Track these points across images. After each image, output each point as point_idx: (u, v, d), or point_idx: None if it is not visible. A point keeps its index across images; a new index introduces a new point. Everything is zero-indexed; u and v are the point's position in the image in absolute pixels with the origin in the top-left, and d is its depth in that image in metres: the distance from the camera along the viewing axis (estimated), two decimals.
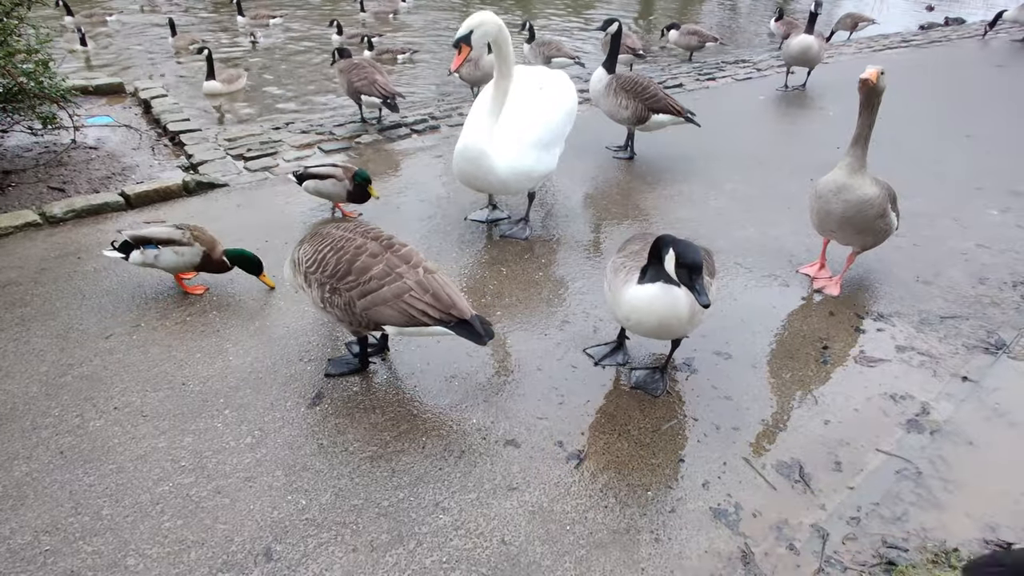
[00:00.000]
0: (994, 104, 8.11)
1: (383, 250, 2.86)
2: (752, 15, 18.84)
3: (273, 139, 6.34)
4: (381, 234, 2.98)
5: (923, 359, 3.52)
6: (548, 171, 4.48)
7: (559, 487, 2.67)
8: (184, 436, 2.83)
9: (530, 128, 4.21)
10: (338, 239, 2.92)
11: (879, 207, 3.67)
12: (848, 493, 2.71)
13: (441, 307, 2.72)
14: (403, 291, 2.73)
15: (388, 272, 2.78)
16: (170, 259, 3.64)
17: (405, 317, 2.73)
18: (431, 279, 2.78)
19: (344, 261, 2.83)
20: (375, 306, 2.76)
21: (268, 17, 14.27)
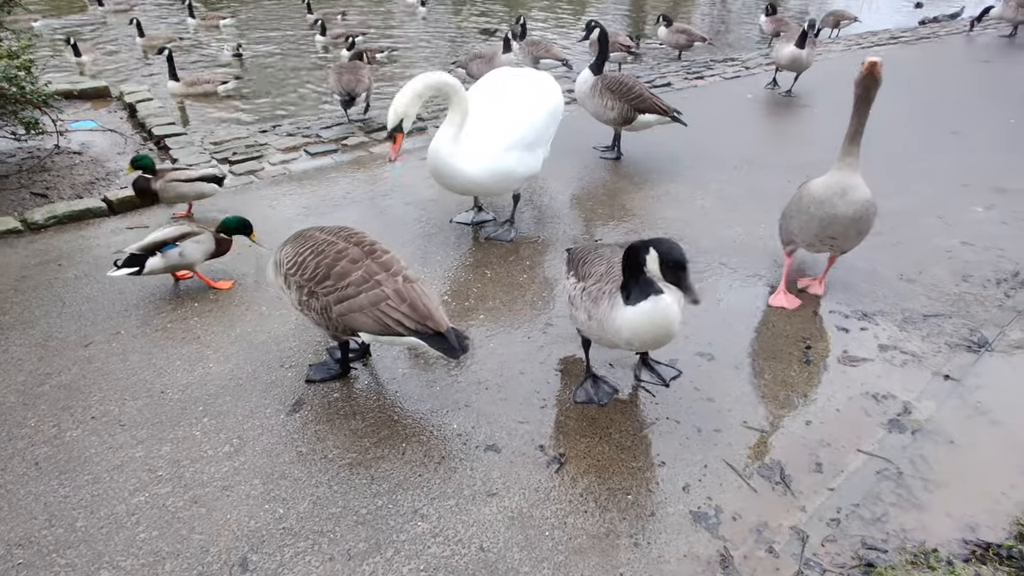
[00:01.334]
0: (981, 100, 8.13)
1: (364, 256, 2.83)
2: (744, 13, 18.85)
3: (259, 142, 6.31)
4: (364, 239, 2.95)
5: (906, 358, 3.52)
6: (531, 172, 4.46)
7: (539, 492, 2.66)
8: (162, 445, 2.81)
9: (510, 129, 4.19)
10: (320, 242, 2.90)
11: (875, 207, 3.62)
12: (828, 495, 2.71)
13: (417, 317, 2.68)
14: (380, 299, 2.71)
15: (366, 279, 2.75)
16: (194, 250, 3.76)
17: (380, 325, 2.71)
18: (410, 288, 2.75)
19: (323, 265, 2.81)
20: (351, 312, 2.74)
21: (219, 19, 14.17)
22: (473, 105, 4.15)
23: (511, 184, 4.39)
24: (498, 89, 4.38)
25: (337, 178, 5.50)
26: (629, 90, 5.53)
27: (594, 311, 2.78)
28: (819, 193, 3.61)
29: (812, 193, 3.65)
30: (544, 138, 4.57)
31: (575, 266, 3.02)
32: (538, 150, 4.52)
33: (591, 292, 2.81)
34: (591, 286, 2.83)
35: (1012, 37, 11.66)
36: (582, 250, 3.10)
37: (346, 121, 6.90)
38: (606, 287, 2.77)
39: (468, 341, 2.76)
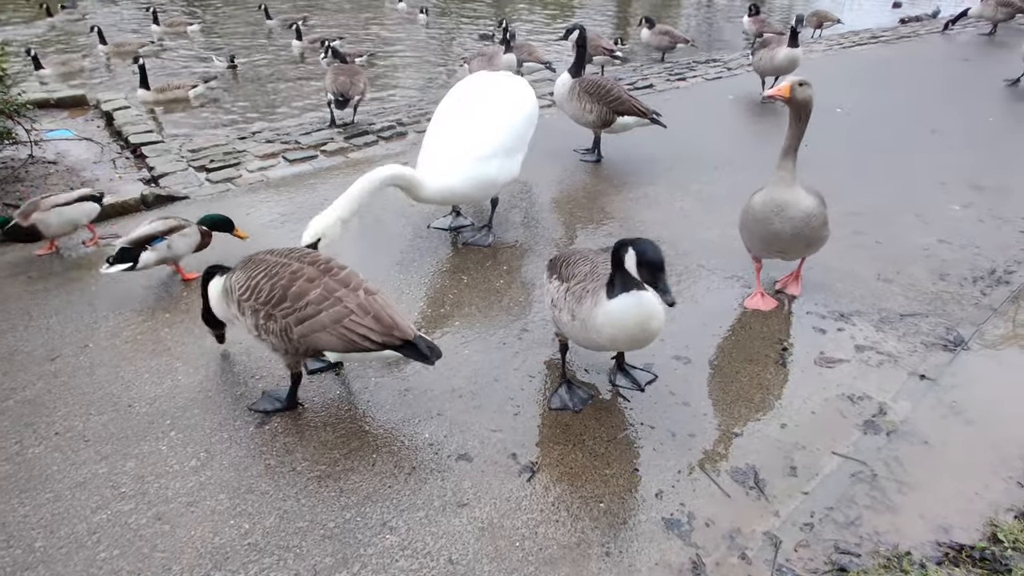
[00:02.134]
0: (960, 98, 8.17)
1: (320, 274, 2.74)
2: (728, 14, 18.93)
3: (237, 149, 6.26)
4: (318, 258, 2.87)
5: (882, 358, 3.51)
6: (511, 177, 4.44)
7: (510, 502, 2.62)
8: (126, 461, 2.75)
9: (489, 136, 4.17)
10: (272, 264, 2.80)
11: (821, 215, 3.54)
12: (802, 498, 2.69)
13: (382, 329, 2.62)
14: (342, 315, 2.63)
15: (326, 296, 2.67)
16: (182, 243, 3.87)
17: (345, 342, 2.64)
18: (372, 301, 2.69)
19: (279, 287, 2.71)
20: (313, 332, 2.67)
21: (185, 25, 14.03)
22: (450, 114, 4.16)
23: (492, 191, 4.39)
24: (473, 96, 4.35)
25: (315, 184, 5.45)
26: (607, 92, 5.52)
27: (577, 310, 2.73)
28: (757, 210, 3.59)
29: (752, 209, 3.64)
30: (523, 143, 4.56)
31: (558, 269, 2.97)
32: (517, 155, 4.50)
33: (575, 291, 2.78)
34: (575, 286, 2.80)
35: (991, 35, 11.76)
36: (565, 254, 3.06)
37: (327, 125, 6.86)
38: (590, 285, 2.74)
39: (437, 346, 2.70)
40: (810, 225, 3.52)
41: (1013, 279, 4.27)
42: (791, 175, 3.50)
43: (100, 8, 16.38)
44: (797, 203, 3.48)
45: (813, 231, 3.56)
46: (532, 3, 19.39)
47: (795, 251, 3.74)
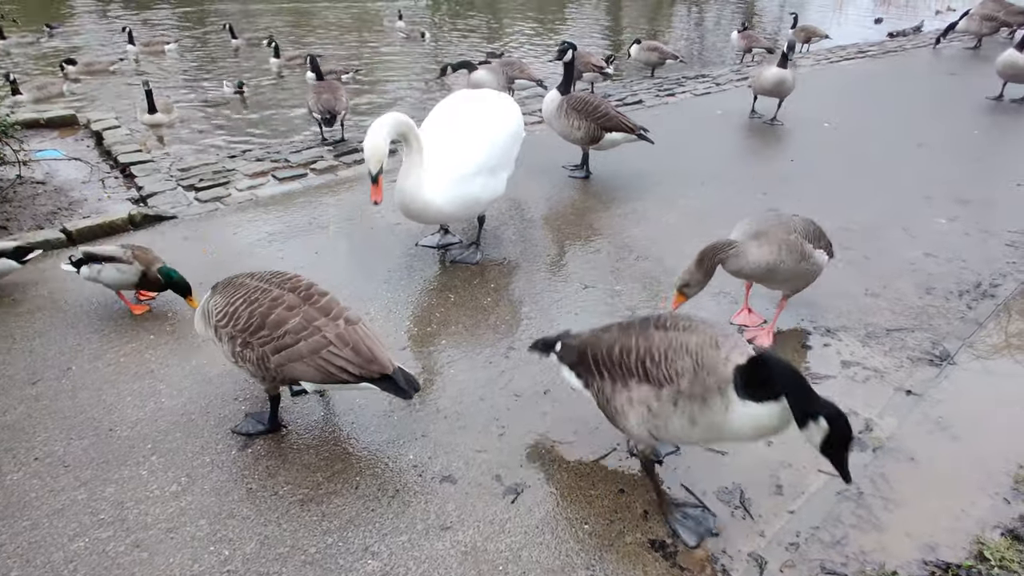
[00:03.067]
0: (945, 112, 8.25)
1: (301, 302, 2.71)
2: (716, 30, 19.14)
3: (227, 168, 6.26)
4: (300, 284, 2.82)
5: (868, 374, 3.51)
6: (496, 195, 4.45)
7: (494, 524, 2.60)
8: (106, 486, 2.72)
9: (473, 155, 4.17)
10: (252, 290, 2.77)
11: (791, 257, 3.36)
12: (788, 518, 2.67)
13: (361, 362, 2.57)
14: (320, 346, 2.59)
15: (305, 326, 2.63)
16: (111, 275, 3.77)
17: (322, 373, 2.60)
18: (352, 331, 2.64)
19: (257, 314, 2.67)
20: (290, 362, 2.62)
21: (163, 44, 14.00)
22: (432, 133, 4.16)
23: (477, 209, 4.39)
24: (458, 114, 4.36)
25: (304, 203, 5.45)
26: (595, 109, 5.55)
27: (702, 415, 2.25)
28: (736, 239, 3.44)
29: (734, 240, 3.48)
30: (507, 161, 4.56)
31: (611, 366, 2.43)
32: (502, 173, 4.51)
33: (693, 393, 2.25)
34: (686, 387, 2.26)
35: (977, 49, 11.89)
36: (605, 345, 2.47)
37: (318, 143, 6.87)
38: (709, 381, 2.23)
39: (416, 379, 2.67)
40: (776, 271, 3.40)
41: (998, 292, 4.29)
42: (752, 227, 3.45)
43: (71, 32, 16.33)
44: (746, 264, 3.36)
45: (784, 274, 3.43)
46: (525, 20, 19.58)
47: (770, 284, 3.66)
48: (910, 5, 22.42)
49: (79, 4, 20.33)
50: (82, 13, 18.53)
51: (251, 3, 22.01)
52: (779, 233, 3.38)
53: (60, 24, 15.94)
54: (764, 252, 3.34)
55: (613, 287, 4.26)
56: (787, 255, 3.36)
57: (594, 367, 2.52)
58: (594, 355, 2.52)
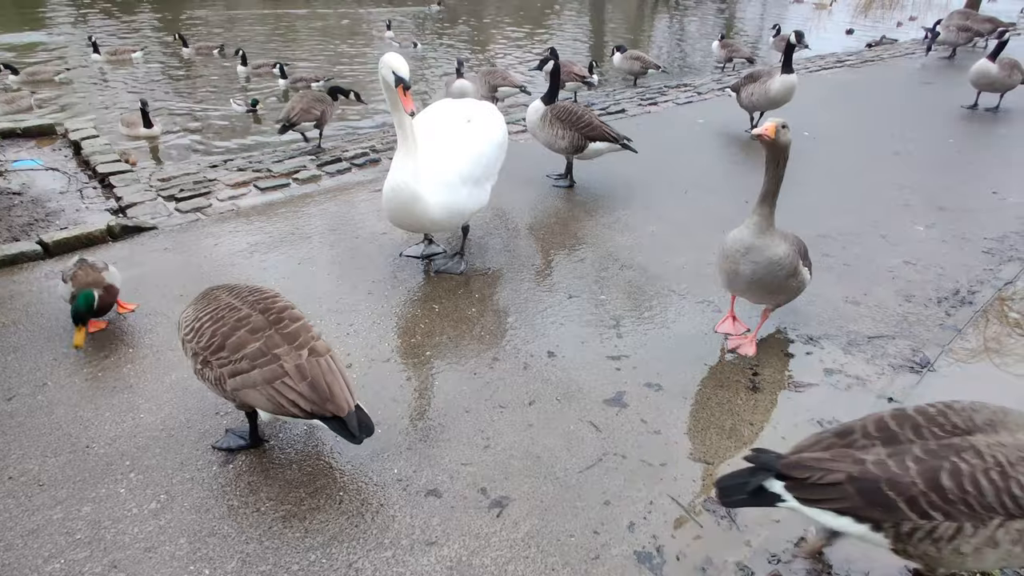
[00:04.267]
0: (921, 121, 8.39)
1: (267, 326, 2.61)
2: (699, 40, 19.35)
3: (208, 178, 6.19)
4: (273, 305, 2.72)
5: (850, 381, 3.54)
6: (480, 206, 4.44)
7: (479, 538, 2.58)
8: (83, 505, 2.66)
9: (461, 164, 4.16)
10: (222, 307, 2.70)
11: (789, 267, 3.39)
12: (774, 527, 2.68)
13: (316, 399, 2.46)
14: (276, 376, 2.49)
15: (264, 352, 2.53)
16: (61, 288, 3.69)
17: (274, 404, 2.49)
18: (314, 364, 2.53)
19: (220, 334, 2.59)
20: (245, 388, 2.53)
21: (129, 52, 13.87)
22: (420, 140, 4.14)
23: (462, 219, 4.37)
24: (443, 124, 4.36)
25: (286, 213, 5.41)
26: (578, 119, 5.57)
27: None
28: (727, 246, 3.47)
29: (722, 246, 3.51)
30: (492, 171, 4.56)
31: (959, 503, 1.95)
32: (486, 184, 4.51)
33: None
34: None
35: (951, 59, 12.13)
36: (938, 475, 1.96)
37: (300, 153, 6.84)
38: None
39: (372, 422, 2.57)
40: (773, 273, 3.38)
41: (976, 299, 4.35)
42: (767, 220, 3.35)
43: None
44: (765, 248, 3.34)
45: (776, 280, 3.42)
46: (510, 28, 19.68)
47: (754, 295, 3.60)
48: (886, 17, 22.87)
49: (55, 10, 20.10)
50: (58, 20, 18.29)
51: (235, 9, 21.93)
52: (789, 239, 3.48)
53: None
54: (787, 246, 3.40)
55: (598, 296, 4.26)
56: (793, 254, 3.43)
57: (908, 508, 1.98)
58: (906, 493, 1.97)
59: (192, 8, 22.45)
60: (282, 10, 22.62)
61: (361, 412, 2.56)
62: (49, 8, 20.63)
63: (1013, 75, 8.39)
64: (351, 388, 2.59)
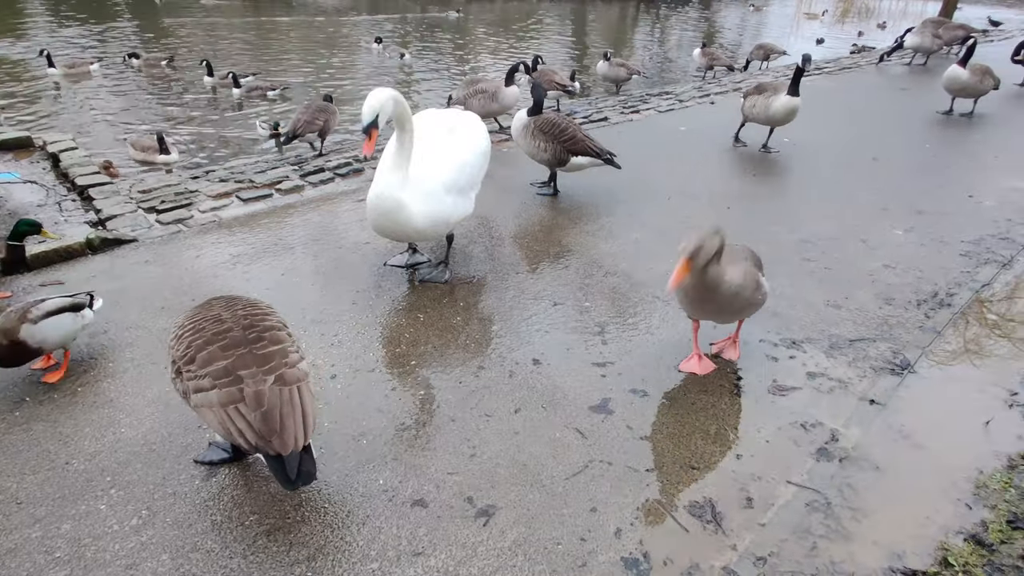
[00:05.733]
0: (898, 127, 8.55)
1: (243, 344, 2.49)
2: (680, 48, 19.56)
3: (190, 189, 6.14)
4: (260, 322, 2.61)
5: (833, 384, 3.58)
6: (465, 214, 4.45)
7: (466, 548, 2.57)
8: (62, 523, 2.62)
9: (445, 174, 4.17)
10: (208, 318, 2.63)
11: (751, 286, 3.32)
12: (759, 531, 2.69)
13: (264, 431, 2.31)
14: (232, 400, 2.36)
15: (228, 372, 2.40)
16: None
17: (224, 430, 2.37)
18: (275, 394, 2.38)
19: (195, 346, 2.50)
20: (201, 406, 2.42)
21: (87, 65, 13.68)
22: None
23: (446, 229, 4.37)
24: (426, 134, 4.36)
25: (269, 224, 5.38)
26: (561, 132, 5.60)
27: None
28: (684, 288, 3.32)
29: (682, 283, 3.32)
30: (476, 180, 4.58)
31: None
32: (471, 192, 4.52)
33: None
34: None
35: (925, 65, 12.36)
36: None
37: (283, 163, 6.81)
38: None
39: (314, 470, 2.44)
40: (739, 297, 3.31)
41: (954, 301, 4.42)
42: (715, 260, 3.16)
43: None
44: (720, 284, 3.21)
45: (742, 302, 3.36)
46: (494, 35, 19.78)
47: (725, 317, 3.56)
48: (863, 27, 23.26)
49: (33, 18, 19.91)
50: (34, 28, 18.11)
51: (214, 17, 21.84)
52: (739, 257, 3.37)
53: None
54: (739, 271, 3.27)
55: (582, 303, 4.28)
56: (751, 273, 3.34)
57: None
58: None
59: (173, 16, 22.34)
60: (265, 17, 22.57)
61: (307, 455, 2.40)
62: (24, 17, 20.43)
63: (984, 81, 8.57)
64: (309, 426, 2.42)
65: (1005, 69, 9.80)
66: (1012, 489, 2.92)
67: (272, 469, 2.38)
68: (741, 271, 3.28)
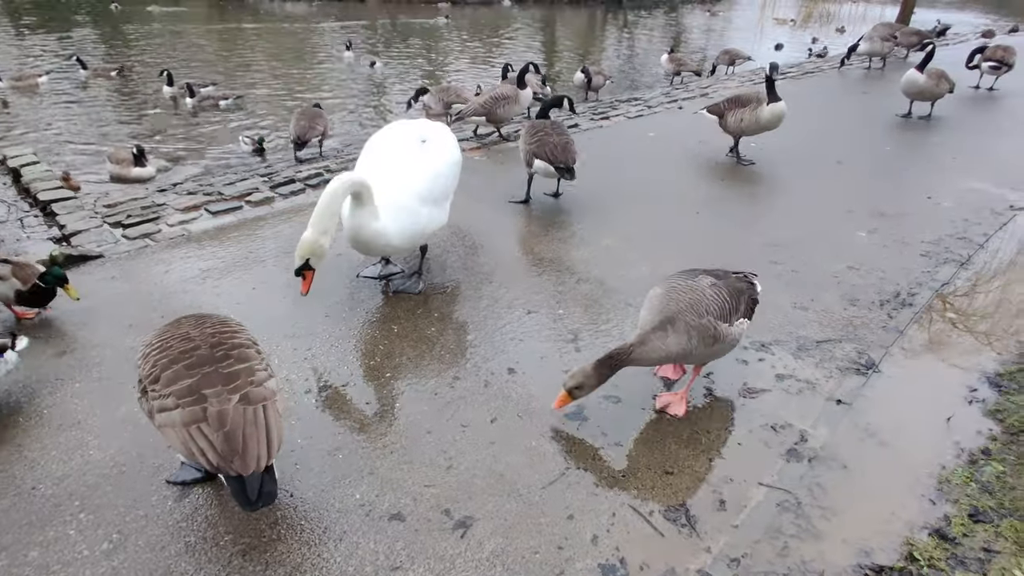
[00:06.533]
0: (861, 130, 8.77)
1: (210, 362, 2.45)
2: (648, 55, 19.81)
3: (156, 203, 6.04)
4: (228, 340, 2.57)
5: (801, 386, 3.66)
6: (440, 225, 4.46)
7: (444, 560, 2.57)
8: (30, 550, 2.56)
9: (419, 184, 4.16)
10: (176, 335, 2.59)
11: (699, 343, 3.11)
12: (732, 532, 2.75)
13: (226, 451, 2.26)
14: (195, 419, 2.31)
15: (192, 392, 2.36)
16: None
17: (186, 450, 2.33)
18: (239, 413, 2.33)
19: (160, 365, 2.46)
20: (165, 426, 2.38)
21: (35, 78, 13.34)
22: (374, 166, 4.16)
23: (422, 240, 4.39)
24: (398, 146, 4.35)
25: (239, 237, 5.32)
26: (534, 135, 5.76)
27: None
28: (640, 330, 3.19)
29: None
30: (449, 191, 4.58)
31: None
32: (445, 203, 4.53)
33: None
34: None
35: (882, 69, 12.71)
36: None
37: (252, 175, 6.75)
38: None
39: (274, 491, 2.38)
40: (692, 356, 3.20)
41: (916, 301, 4.56)
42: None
43: None
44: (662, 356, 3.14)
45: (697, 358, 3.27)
46: (468, 41, 19.81)
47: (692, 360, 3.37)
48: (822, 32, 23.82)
49: None
50: None
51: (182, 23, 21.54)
52: (688, 317, 3.07)
53: None
54: (672, 342, 3.05)
55: (556, 311, 4.31)
56: (698, 340, 3.08)
57: None
58: None
59: (139, 24, 21.95)
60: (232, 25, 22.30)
61: (269, 476, 2.34)
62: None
63: (940, 84, 8.84)
64: (273, 446, 2.37)
65: (959, 73, 10.12)
66: (973, 484, 3.02)
67: (232, 490, 2.32)
68: (677, 339, 3.05)
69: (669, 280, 3.32)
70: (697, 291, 3.17)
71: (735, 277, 3.42)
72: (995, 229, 5.74)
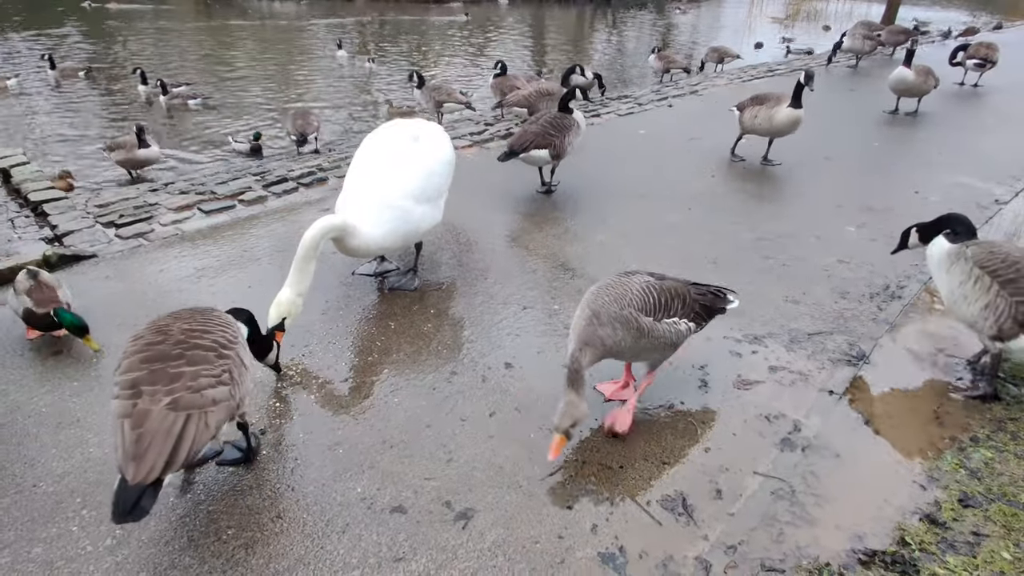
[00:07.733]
0: (848, 126, 8.87)
1: (164, 358, 2.38)
2: (637, 54, 19.89)
3: (149, 202, 6.03)
4: (199, 338, 2.49)
5: (794, 377, 3.72)
6: (434, 223, 4.49)
7: (447, 551, 2.61)
8: (33, 546, 2.57)
9: (413, 183, 4.19)
10: (153, 329, 2.56)
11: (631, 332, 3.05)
12: (729, 520, 2.80)
13: (130, 453, 2.15)
14: (124, 414, 2.24)
15: (132, 386, 2.30)
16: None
17: (114, 441, 2.24)
18: (161, 417, 2.22)
19: (126, 353, 2.45)
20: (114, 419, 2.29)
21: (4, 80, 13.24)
22: (369, 166, 4.20)
23: (417, 239, 4.41)
24: (392, 146, 4.37)
25: (233, 236, 5.32)
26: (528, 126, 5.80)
27: None
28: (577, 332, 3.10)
29: None
30: (443, 188, 4.61)
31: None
32: (439, 201, 4.55)
33: None
34: None
35: (855, 68, 12.85)
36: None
37: (245, 173, 6.74)
38: None
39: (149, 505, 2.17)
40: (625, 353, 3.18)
41: (904, 293, 4.63)
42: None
43: None
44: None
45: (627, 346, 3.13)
46: (459, 43, 19.80)
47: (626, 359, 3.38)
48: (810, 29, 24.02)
49: None
50: None
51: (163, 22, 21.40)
52: (611, 309, 3.03)
53: None
54: (604, 333, 3.02)
55: (551, 306, 4.35)
56: (624, 332, 3.04)
57: None
58: None
59: (129, 22, 21.78)
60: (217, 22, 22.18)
61: (150, 492, 2.16)
62: None
63: (928, 81, 8.97)
64: (175, 462, 2.21)
65: (943, 70, 10.25)
66: (962, 470, 3.09)
67: (115, 493, 2.16)
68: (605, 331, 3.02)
69: (605, 279, 3.28)
70: (624, 287, 3.14)
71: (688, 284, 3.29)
72: (981, 223, 5.83)
